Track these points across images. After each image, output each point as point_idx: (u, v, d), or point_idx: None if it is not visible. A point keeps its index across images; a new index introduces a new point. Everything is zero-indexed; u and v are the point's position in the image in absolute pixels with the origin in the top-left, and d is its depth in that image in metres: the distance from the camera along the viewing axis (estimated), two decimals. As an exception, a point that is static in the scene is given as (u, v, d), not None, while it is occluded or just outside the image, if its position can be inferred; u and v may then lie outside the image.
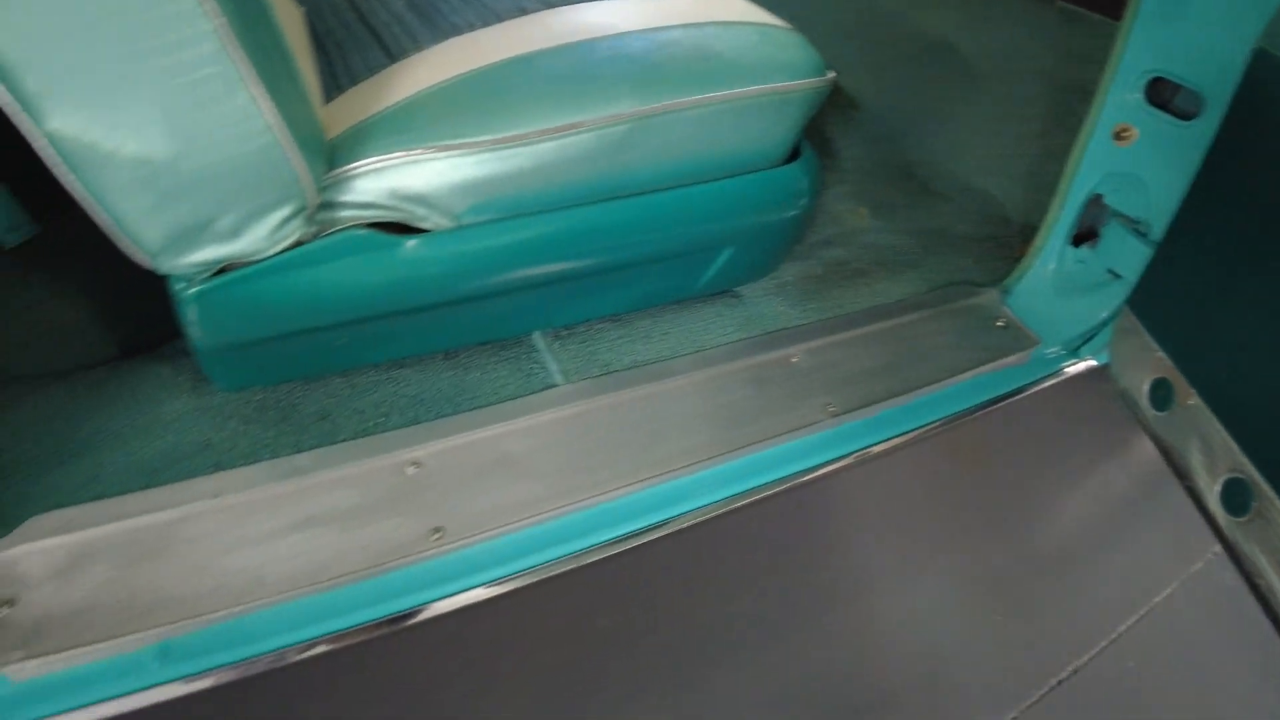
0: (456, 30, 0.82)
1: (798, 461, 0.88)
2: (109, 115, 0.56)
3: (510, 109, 0.73)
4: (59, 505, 0.71)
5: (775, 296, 1.01)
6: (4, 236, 1.08)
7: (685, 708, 0.97)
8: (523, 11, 0.85)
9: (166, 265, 0.66)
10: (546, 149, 0.73)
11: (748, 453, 0.84)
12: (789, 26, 0.88)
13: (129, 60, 0.55)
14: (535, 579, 0.77)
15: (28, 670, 0.64)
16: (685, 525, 0.84)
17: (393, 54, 0.80)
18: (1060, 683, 1.01)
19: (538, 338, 0.91)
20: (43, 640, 0.64)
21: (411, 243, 0.73)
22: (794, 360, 0.91)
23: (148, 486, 0.73)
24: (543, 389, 0.84)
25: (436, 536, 0.71)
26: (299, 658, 0.71)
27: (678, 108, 0.77)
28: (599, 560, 0.80)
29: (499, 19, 0.84)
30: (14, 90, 0.54)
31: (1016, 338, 1.03)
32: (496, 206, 0.74)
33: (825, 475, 0.91)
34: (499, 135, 0.71)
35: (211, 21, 0.55)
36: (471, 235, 0.74)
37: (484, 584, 0.73)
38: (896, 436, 0.94)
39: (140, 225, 0.62)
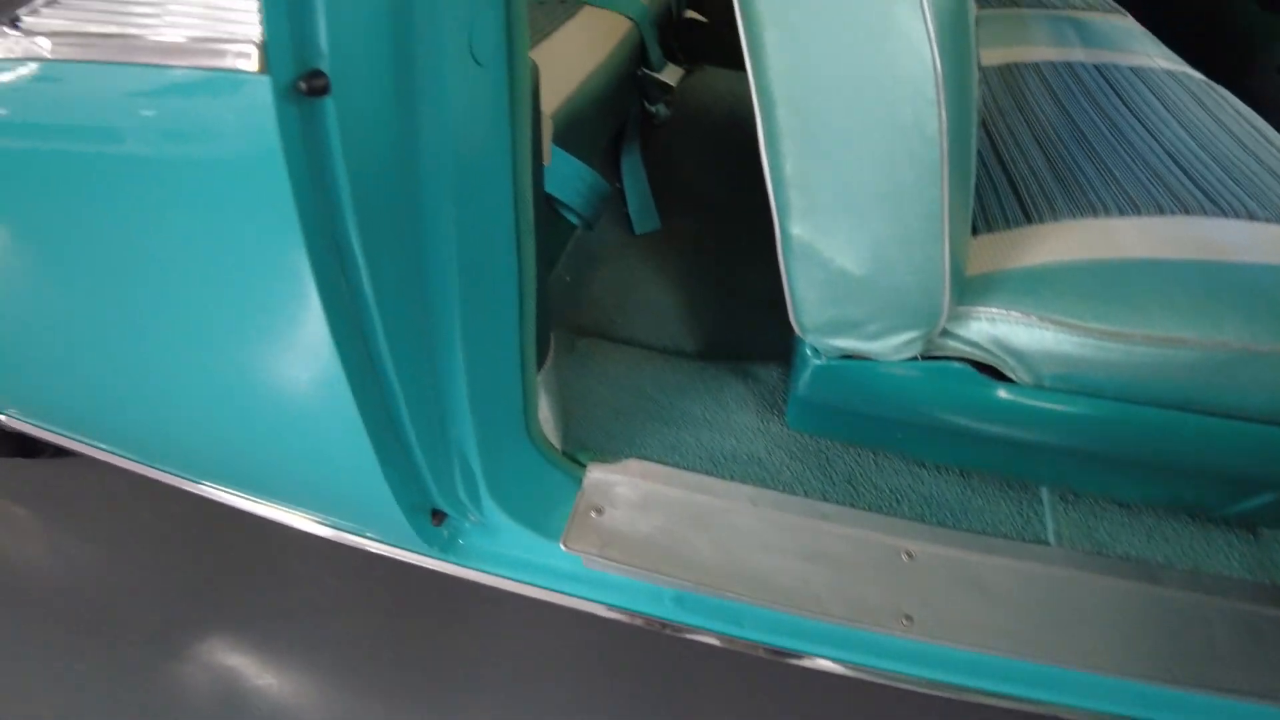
0: (1093, 210, 0.91)
1: None
2: (836, 236, 0.75)
3: (1125, 307, 0.80)
4: (647, 456, 0.96)
5: (1296, 552, 0.96)
6: (637, 222, 1.41)
7: None
8: (1159, 210, 0.91)
9: (810, 339, 0.85)
10: (1145, 352, 0.80)
11: (1194, 691, 0.84)
12: None
13: (870, 197, 0.72)
14: (958, 698, 0.86)
15: (594, 563, 0.89)
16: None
17: (1029, 214, 0.91)
18: None
19: (1045, 492, 0.98)
20: (609, 547, 0.87)
21: (995, 387, 0.84)
22: (1294, 624, 0.88)
23: (708, 472, 0.95)
24: (1034, 541, 0.92)
25: (905, 623, 0.83)
26: (756, 654, 0.88)
27: None
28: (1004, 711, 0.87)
29: (1135, 211, 0.91)
30: (780, 196, 0.74)
31: None
32: (1078, 382, 0.82)
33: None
34: (1108, 328, 0.79)
35: (940, 189, 0.70)
36: (1045, 397, 0.84)
37: (923, 681, 0.85)
38: None
39: (810, 308, 0.81)
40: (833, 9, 0.63)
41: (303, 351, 0.67)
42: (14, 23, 0.57)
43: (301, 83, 0.50)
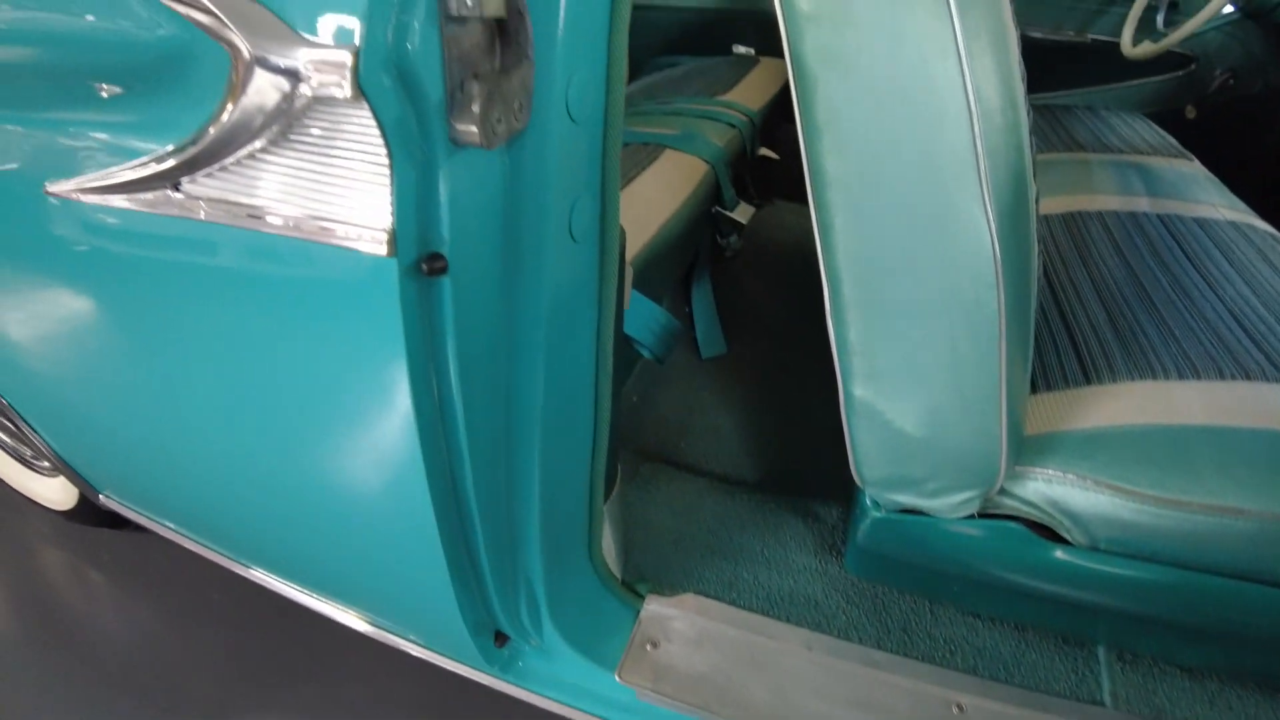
0: (1152, 373, 0.93)
1: None
2: (897, 399, 0.79)
3: (1183, 475, 0.81)
4: (704, 591, 0.98)
5: (1365, 727, 0.93)
6: (704, 346, 1.46)
7: None
8: (1220, 374, 0.93)
9: (871, 492, 0.88)
10: (1203, 521, 0.80)
11: None
12: None
13: (930, 366, 0.76)
14: None
15: (647, 696, 0.90)
16: None
17: (1088, 374, 0.93)
18: None
19: (1102, 651, 0.97)
20: (663, 682, 0.89)
21: (1051, 548, 0.85)
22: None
23: (764, 611, 0.97)
24: (1089, 701, 0.91)
25: None
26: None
27: None
28: None
29: (1196, 375, 0.92)
30: (844, 360, 0.79)
31: None
32: (1134, 547, 0.83)
33: None
34: (1164, 495, 0.80)
35: (999, 360, 0.74)
36: (1100, 559, 0.84)
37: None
38: None
39: (870, 463, 0.85)
40: (899, 200, 0.69)
41: (394, 480, 0.73)
42: (176, 187, 0.65)
43: (423, 264, 0.57)
